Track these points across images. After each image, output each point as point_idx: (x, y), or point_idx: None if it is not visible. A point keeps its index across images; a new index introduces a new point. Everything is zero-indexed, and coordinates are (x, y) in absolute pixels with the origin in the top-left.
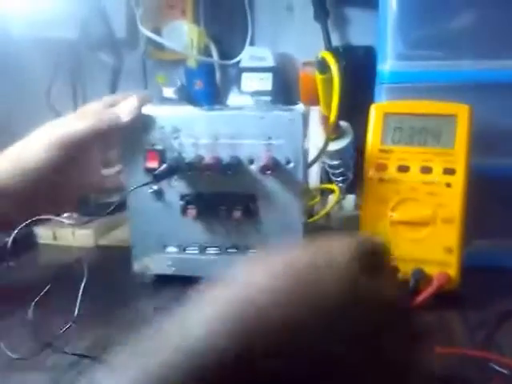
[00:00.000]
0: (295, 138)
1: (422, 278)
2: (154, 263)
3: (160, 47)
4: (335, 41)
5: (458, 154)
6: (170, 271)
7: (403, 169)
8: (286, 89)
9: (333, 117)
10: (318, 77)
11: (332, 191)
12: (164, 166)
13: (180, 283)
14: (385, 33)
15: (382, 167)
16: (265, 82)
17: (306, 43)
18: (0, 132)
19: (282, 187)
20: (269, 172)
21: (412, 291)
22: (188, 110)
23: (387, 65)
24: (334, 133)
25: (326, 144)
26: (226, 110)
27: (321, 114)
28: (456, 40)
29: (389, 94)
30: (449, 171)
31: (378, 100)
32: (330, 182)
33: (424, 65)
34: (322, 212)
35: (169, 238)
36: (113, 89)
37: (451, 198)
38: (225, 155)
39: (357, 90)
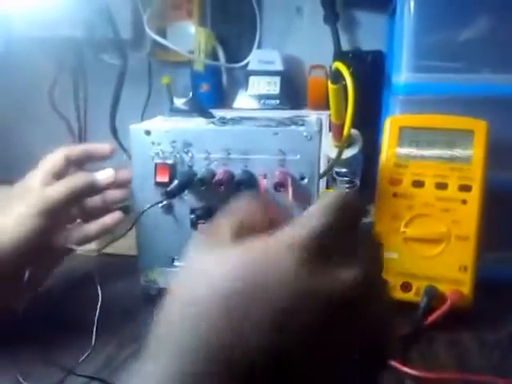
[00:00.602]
0: (310, 155)
1: (435, 296)
2: (161, 276)
3: (166, 48)
4: (344, 44)
5: (475, 171)
6: None
7: (418, 184)
8: (293, 93)
9: (347, 128)
10: (331, 86)
11: None
12: (175, 182)
13: None
14: (400, 44)
15: (396, 182)
16: (272, 85)
17: (314, 46)
18: (2, 131)
19: (295, 203)
20: (282, 189)
21: (425, 310)
22: (200, 124)
23: (402, 76)
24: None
25: (339, 155)
26: (239, 125)
27: (331, 123)
28: (472, 53)
29: (403, 106)
30: (465, 188)
31: (392, 112)
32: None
33: (439, 77)
34: None
35: (177, 251)
36: (118, 90)
37: (466, 216)
38: (237, 170)
39: (365, 95)
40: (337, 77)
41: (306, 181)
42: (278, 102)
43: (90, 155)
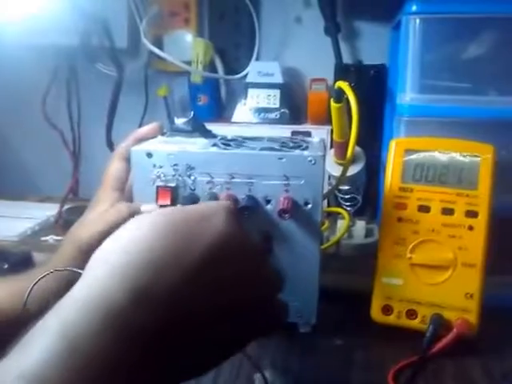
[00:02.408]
0: (315, 180)
1: (441, 325)
2: None
3: (163, 57)
4: (345, 57)
5: (482, 197)
6: None
7: (424, 209)
8: (293, 106)
9: (351, 149)
10: (333, 105)
11: (339, 213)
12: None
13: None
14: (405, 63)
15: (401, 206)
16: (272, 98)
17: (314, 58)
18: None
19: (299, 229)
20: (287, 216)
21: (431, 339)
22: (202, 147)
23: (407, 97)
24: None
25: (343, 175)
26: (242, 148)
27: (333, 141)
28: (479, 73)
29: (408, 127)
30: (471, 214)
31: (396, 133)
32: (338, 204)
33: (445, 99)
34: (333, 240)
35: None
36: (114, 102)
37: (473, 242)
38: (240, 194)
39: (367, 109)
40: (339, 96)
41: (309, 206)
42: (277, 115)
43: (143, 140)
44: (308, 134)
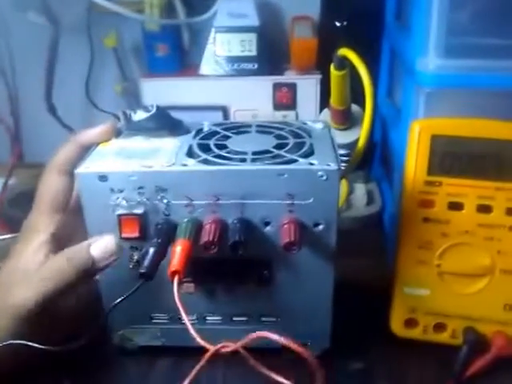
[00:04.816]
0: (327, 198)
1: (477, 343)
2: (138, 335)
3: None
4: None
5: None
6: (159, 342)
7: (455, 206)
8: (273, 52)
9: (363, 138)
10: (334, 73)
11: None
12: (149, 256)
13: (174, 353)
14: (426, 12)
15: (427, 204)
16: (247, 45)
17: None
18: None
19: (307, 255)
20: (295, 248)
21: (465, 360)
22: (174, 159)
23: (429, 62)
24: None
25: (356, 156)
26: (230, 165)
27: (331, 106)
28: None
29: (430, 102)
30: None
31: (414, 111)
32: None
33: (482, 64)
34: None
35: (156, 307)
36: (51, 61)
37: None
38: (230, 217)
39: (362, 55)
40: (342, 63)
41: (321, 227)
42: (255, 65)
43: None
44: (293, 85)
